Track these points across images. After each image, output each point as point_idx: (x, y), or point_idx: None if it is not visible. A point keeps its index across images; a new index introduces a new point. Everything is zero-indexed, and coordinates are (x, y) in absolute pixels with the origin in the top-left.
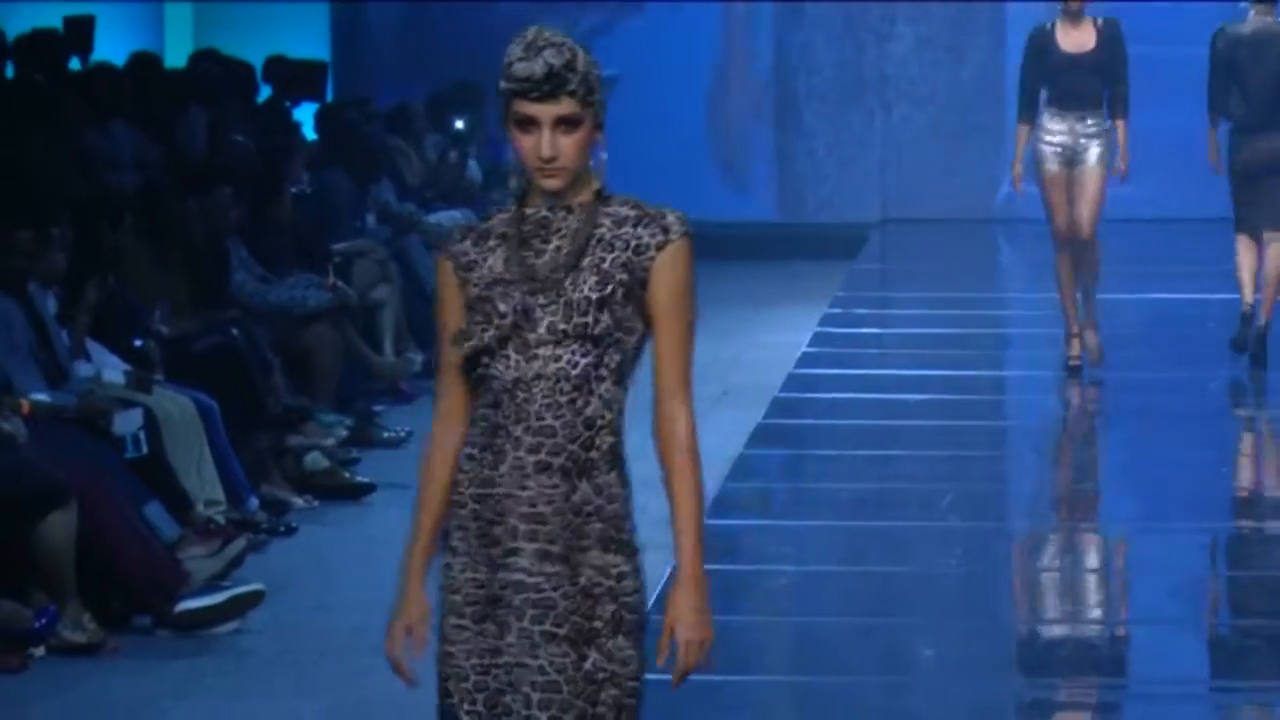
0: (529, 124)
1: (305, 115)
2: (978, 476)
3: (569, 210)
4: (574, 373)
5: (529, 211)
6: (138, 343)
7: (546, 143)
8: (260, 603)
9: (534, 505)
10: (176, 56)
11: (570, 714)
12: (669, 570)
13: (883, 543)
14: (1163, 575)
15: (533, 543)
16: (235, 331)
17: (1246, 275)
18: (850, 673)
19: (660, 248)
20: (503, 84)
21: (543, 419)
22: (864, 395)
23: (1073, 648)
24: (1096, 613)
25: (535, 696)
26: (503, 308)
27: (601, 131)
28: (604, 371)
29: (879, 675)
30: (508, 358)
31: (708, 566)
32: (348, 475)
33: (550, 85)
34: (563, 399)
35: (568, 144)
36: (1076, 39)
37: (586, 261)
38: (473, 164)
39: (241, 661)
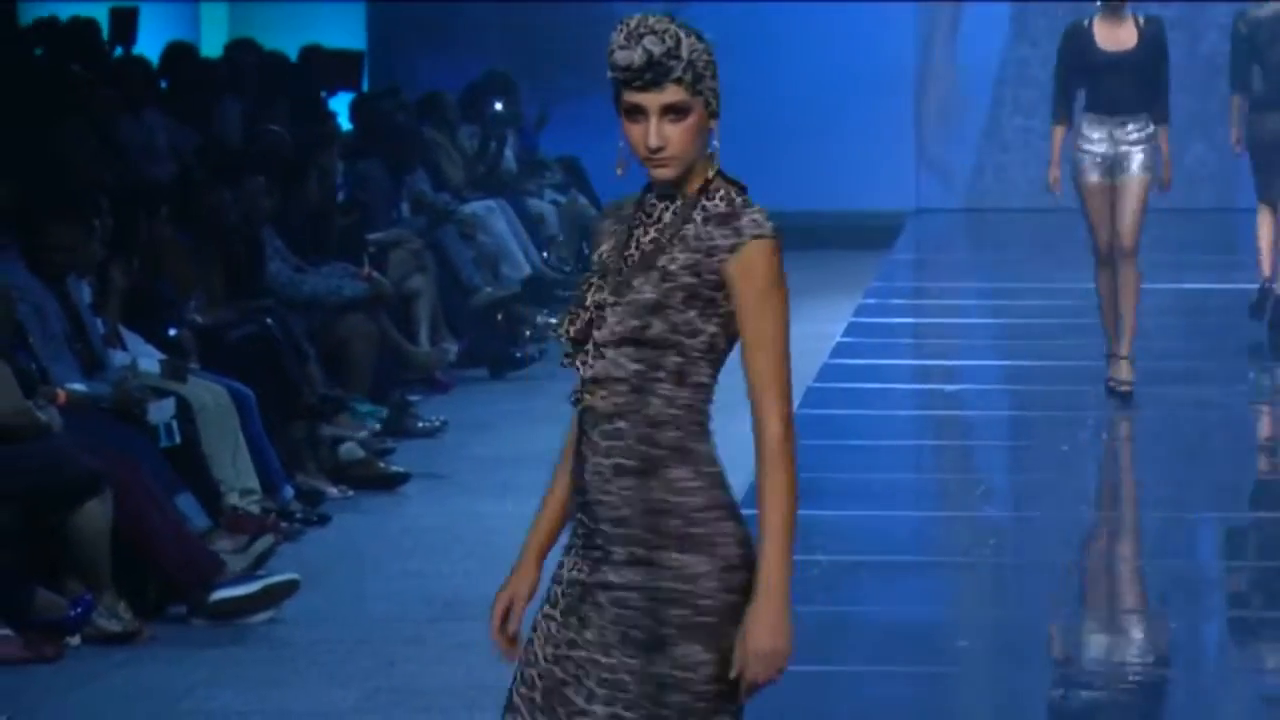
0: (637, 112)
1: (341, 105)
2: (1012, 467)
3: (671, 201)
4: (629, 376)
5: (649, 197)
6: (172, 332)
7: (654, 132)
8: (295, 592)
9: (617, 509)
10: (212, 50)
11: (634, 712)
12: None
13: (917, 533)
14: (1195, 564)
15: (624, 546)
16: (270, 321)
17: (1265, 245)
18: (885, 663)
19: (731, 250)
20: (609, 72)
21: (612, 421)
22: (898, 385)
23: (1108, 639)
24: (1133, 604)
25: (600, 692)
26: (588, 301)
27: (716, 119)
28: (661, 374)
29: (914, 665)
30: (587, 354)
31: None
32: (382, 465)
33: (653, 73)
34: (621, 401)
35: (676, 133)
36: (1117, 37)
37: (662, 260)
38: (508, 153)
39: (276, 651)
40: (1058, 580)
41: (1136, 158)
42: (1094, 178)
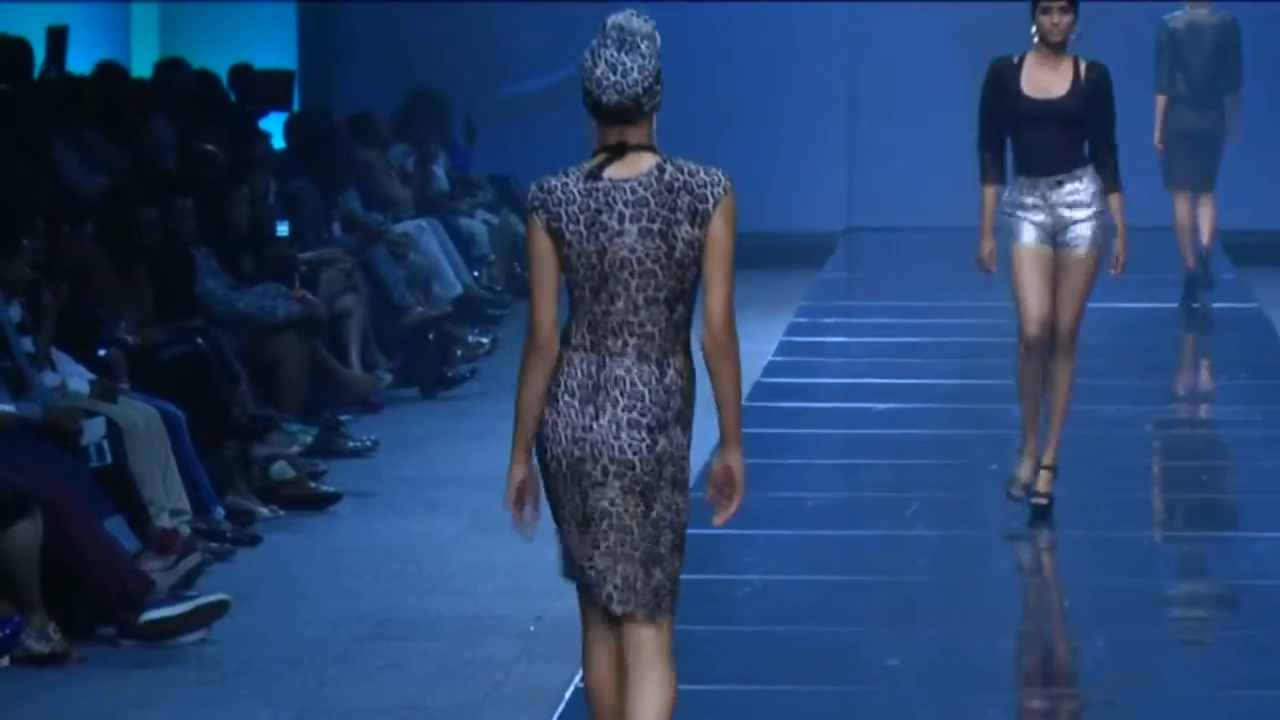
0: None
1: (274, 124)
2: (943, 485)
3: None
4: None
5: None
6: (103, 351)
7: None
8: (225, 612)
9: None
10: (143, 64)
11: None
12: None
13: (848, 552)
14: (1122, 582)
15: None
16: (201, 341)
17: (1187, 238)
18: (815, 683)
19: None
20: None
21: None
22: (829, 404)
23: (1037, 658)
24: (1061, 622)
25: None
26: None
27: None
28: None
29: (844, 685)
30: None
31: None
32: (313, 485)
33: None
34: None
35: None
36: (1046, 82)
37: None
38: (440, 173)
39: (206, 672)
40: (988, 599)
41: (1083, 232)
42: (1029, 240)
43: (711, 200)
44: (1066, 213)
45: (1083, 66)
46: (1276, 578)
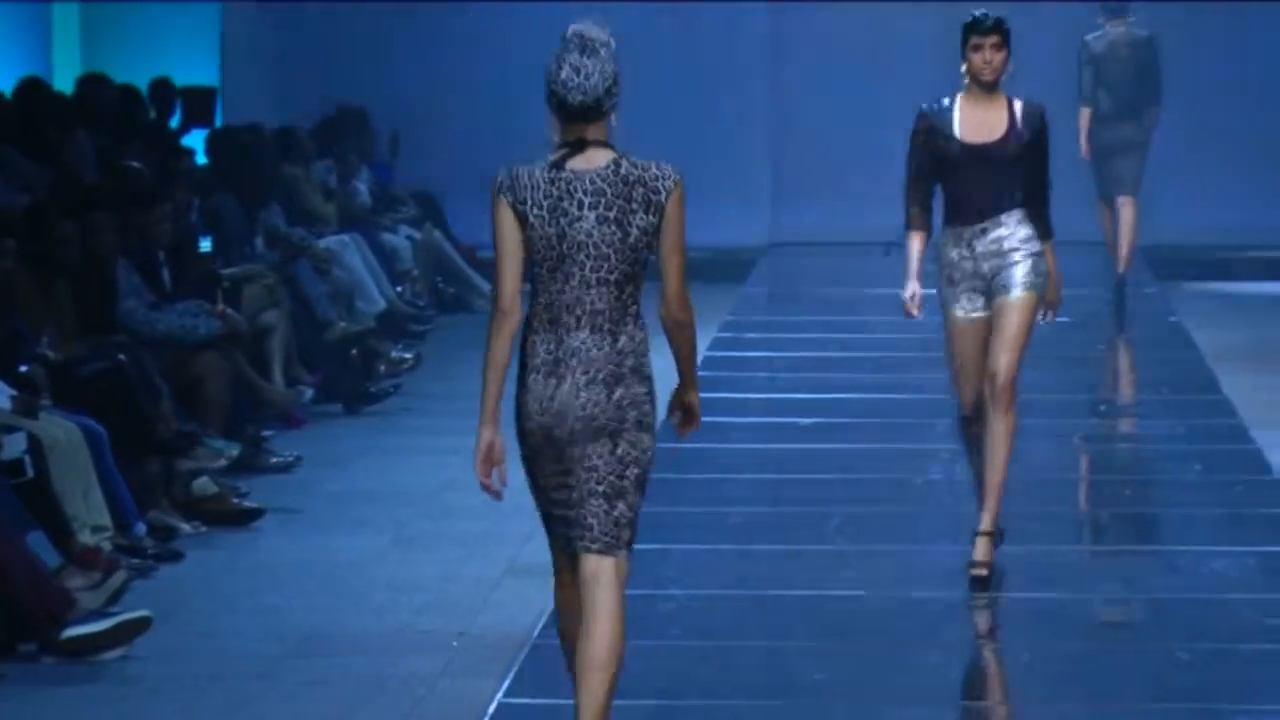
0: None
1: (197, 139)
2: (867, 499)
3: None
4: None
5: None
6: (24, 368)
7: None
8: (147, 629)
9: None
10: (64, 84)
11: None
12: None
13: (772, 566)
14: (1050, 596)
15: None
16: (123, 357)
17: (1113, 241)
18: (740, 697)
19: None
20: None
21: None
22: (753, 419)
23: (962, 673)
24: (987, 636)
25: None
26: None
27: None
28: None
29: (768, 699)
30: None
31: None
32: (236, 501)
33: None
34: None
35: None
36: (982, 124)
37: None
38: (363, 188)
39: (129, 688)
40: (912, 613)
41: (1016, 271)
42: (961, 312)
43: (664, 192)
44: (995, 261)
45: (1018, 107)
46: (1200, 592)
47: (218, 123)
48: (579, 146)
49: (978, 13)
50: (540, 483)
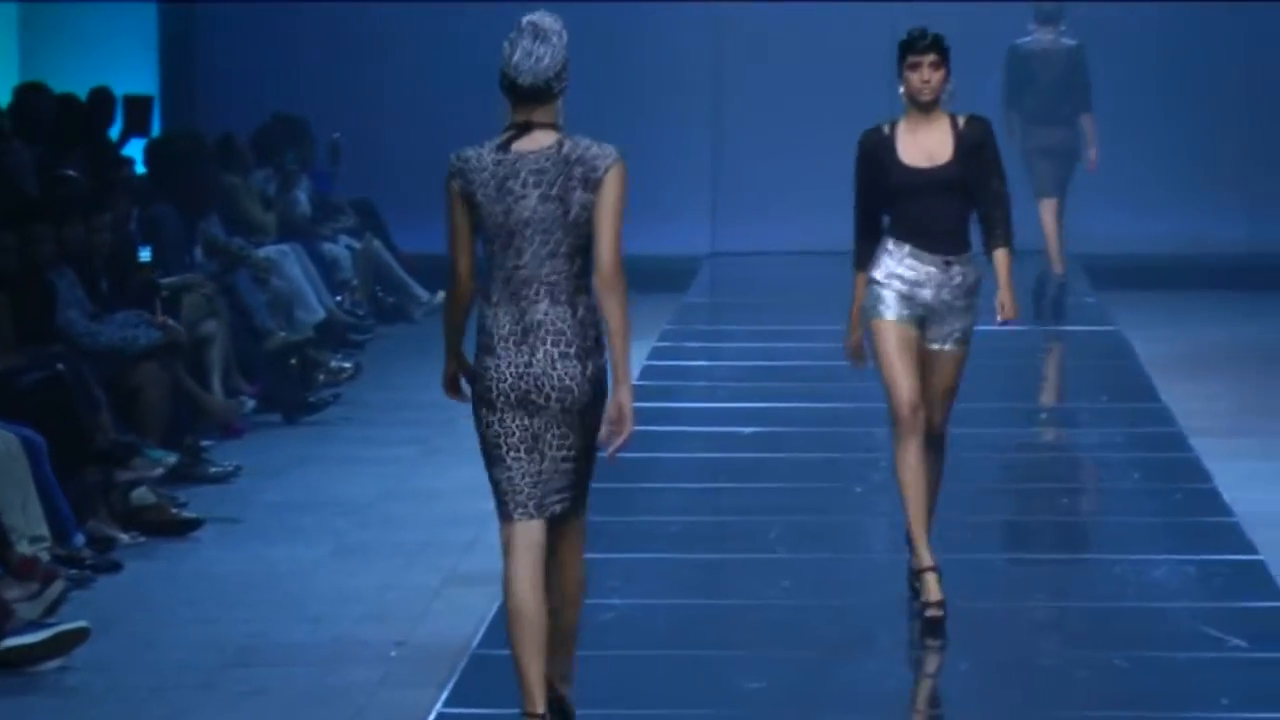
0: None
1: (136, 149)
2: (806, 509)
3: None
4: None
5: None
6: None
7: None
8: (85, 640)
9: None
10: (1, 94)
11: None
12: None
13: (711, 575)
14: (987, 605)
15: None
16: (61, 366)
17: (1054, 244)
18: (680, 706)
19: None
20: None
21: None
22: (693, 428)
23: (901, 682)
24: (926, 645)
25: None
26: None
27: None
28: None
29: (708, 708)
30: None
31: None
32: (175, 511)
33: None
34: None
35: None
36: (926, 147)
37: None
38: (302, 197)
39: (66, 700)
40: (851, 622)
41: (956, 325)
42: (891, 317)
43: (602, 169)
44: (947, 299)
45: (961, 123)
46: (1136, 600)
47: (155, 131)
48: (525, 128)
49: (913, 30)
50: (499, 440)
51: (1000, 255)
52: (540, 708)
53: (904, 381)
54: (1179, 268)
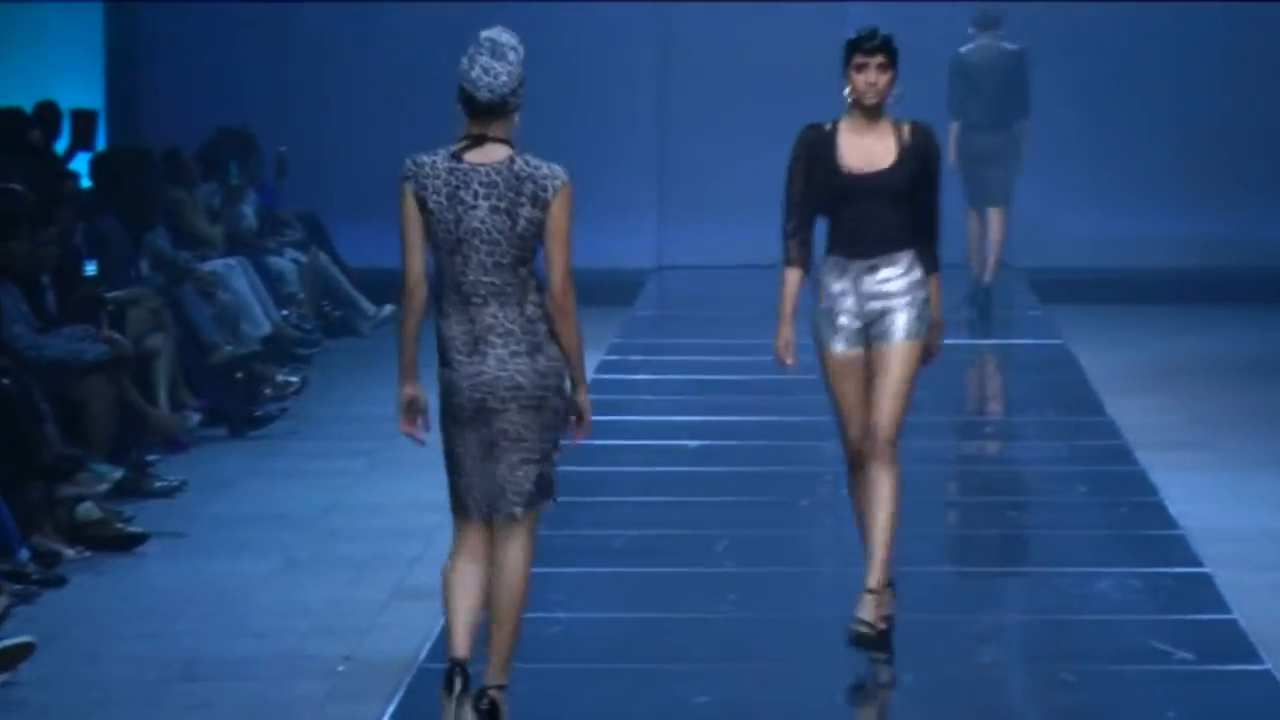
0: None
1: (81, 162)
2: (752, 522)
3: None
4: None
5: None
6: None
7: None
8: (31, 655)
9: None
10: None
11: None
12: None
13: (658, 589)
14: (933, 617)
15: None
16: (6, 380)
17: (978, 250)
18: (625, 719)
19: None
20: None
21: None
22: (640, 442)
23: (847, 693)
24: (870, 655)
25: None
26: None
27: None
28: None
29: None
30: None
31: None
32: (120, 525)
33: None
34: None
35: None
36: (867, 151)
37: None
38: (248, 211)
39: (11, 715)
40: (797, 635)
41: (899, 318)
42: (840, 348)
43: (551, 190)
44: (878, 303)
45: (905, 130)
46: (1083, 613)
47: (100, 145)
48: (479, 140)
49: (862, 29)
50: (459, 452)
51: (933, 281)
52: (460, 652)
53: (853, 415)
54: (1125, 281)
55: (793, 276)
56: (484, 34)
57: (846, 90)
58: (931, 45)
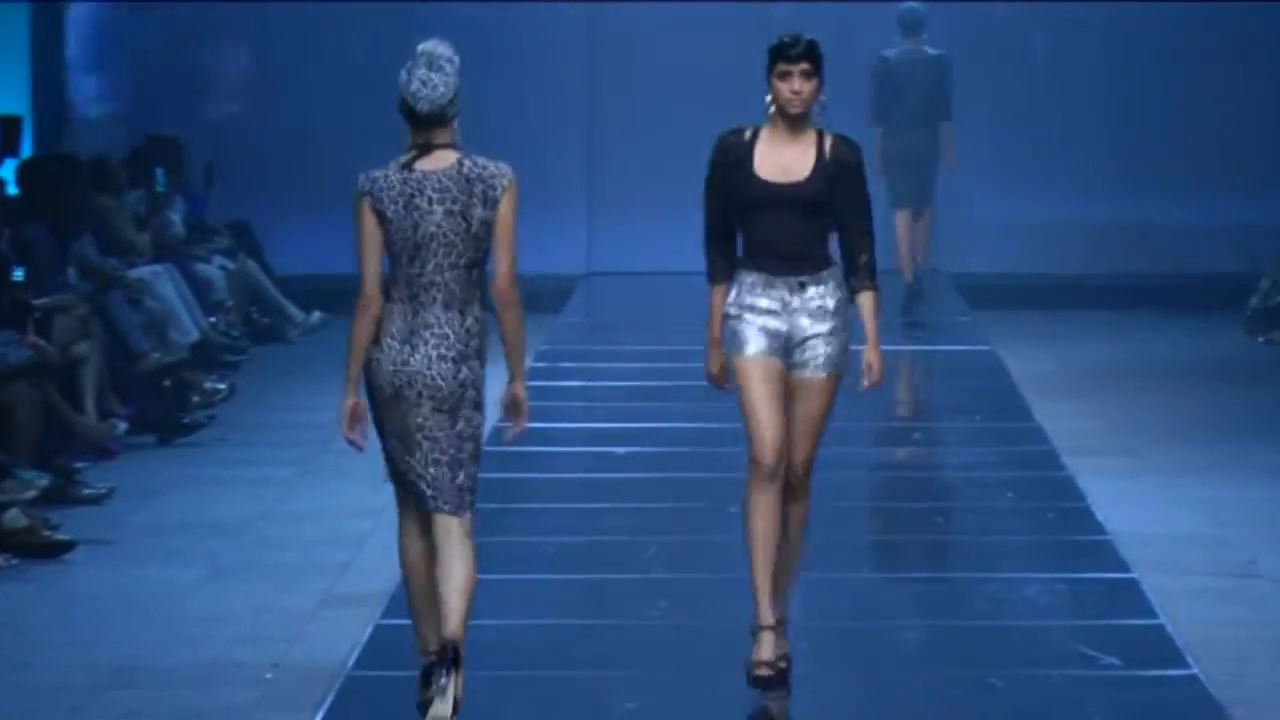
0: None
1: (7, 169)
2: (682, 528)
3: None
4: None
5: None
6: None
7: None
8: None
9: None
10: None
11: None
12: None
13: (587, 596)
14: (861, 624)
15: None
16: None
17: (906, 250)
18: None
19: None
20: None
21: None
22: (569, 448)
23: (775, 700)
24: (799, 663)
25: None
26: None
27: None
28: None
29: None
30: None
31: None
32: (47, 533)
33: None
34: None
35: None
36: (784, 163)
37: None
38: (176, 218)
39: None
40: (726, 642)
41: (821, 348)
42: (756, 351)
43: (499, 189)
44: (806, 323)
45: (828, 143)
46: (1010, 619)
47: (26, 152)
48: (426, 149)
49: (786, 36)
50: (387, 434)
51: (868, 300)
52: (434, 646)
53: (767, 422)
54: (1053, 288)
55: (719, 295)
56: (420, 47)
57: (769, 99)
58: (856, 45)
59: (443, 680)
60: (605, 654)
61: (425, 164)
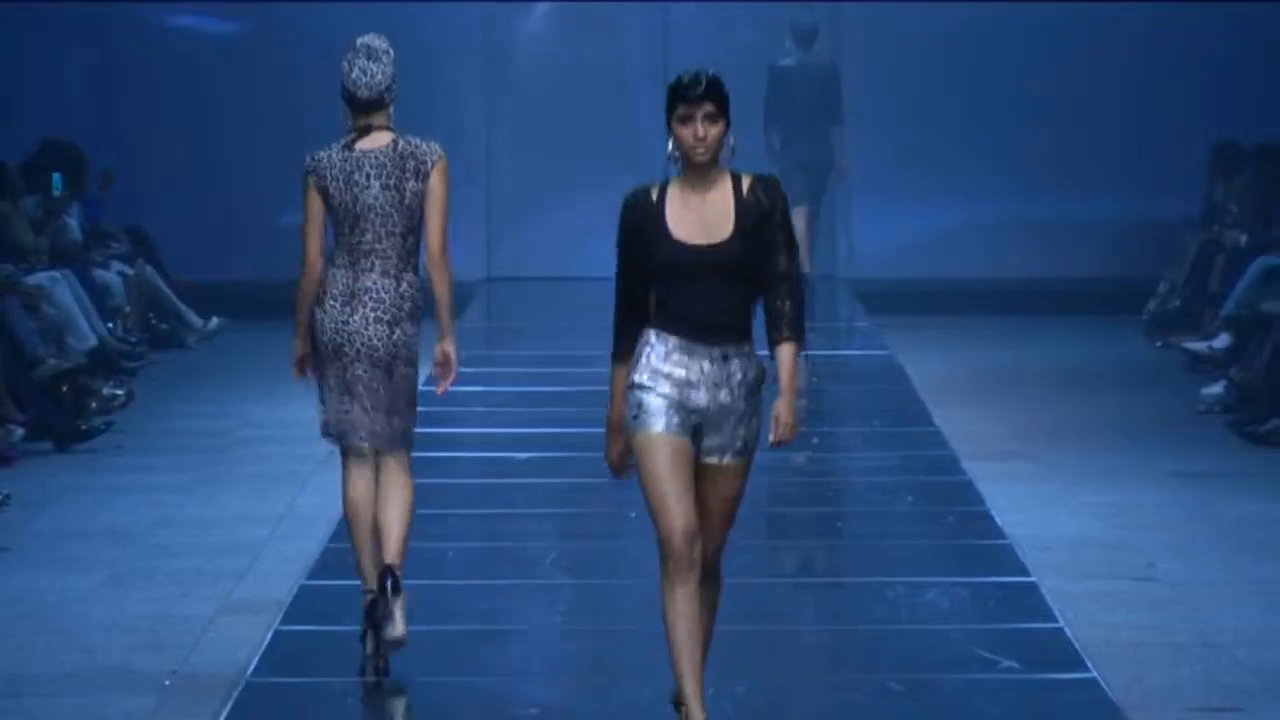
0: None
1: None
2: (583, 534)
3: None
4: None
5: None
6: None
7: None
8: None
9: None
10: None
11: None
12: None
13: (487, 601)
14: (763, 628)
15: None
16: None
17: (805, 247)
18: None
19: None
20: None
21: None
22: (469, 454)
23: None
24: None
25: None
26: None
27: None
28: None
29: None
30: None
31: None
32: None
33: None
34: None
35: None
36: (701, 218)
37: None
38: (73, 224)
39: None
40: (627, 647)
41: (740, 431)
42: (662, 428)
43: (430, 163)
44: (727, 399)
45: (745, 186)
46: (912, 622)
47: None
48: (365, 131)
49: (685, 75)
50: (331, 385)
51: (786, 352)
52: (374, 584)
53: (677, 509)
54: (950, 293)
55: (621, 377)
56: (359, 40)
57: (670, 145)
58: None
59: (389, 605)
60: (505, 659)
61: (364, 144)
